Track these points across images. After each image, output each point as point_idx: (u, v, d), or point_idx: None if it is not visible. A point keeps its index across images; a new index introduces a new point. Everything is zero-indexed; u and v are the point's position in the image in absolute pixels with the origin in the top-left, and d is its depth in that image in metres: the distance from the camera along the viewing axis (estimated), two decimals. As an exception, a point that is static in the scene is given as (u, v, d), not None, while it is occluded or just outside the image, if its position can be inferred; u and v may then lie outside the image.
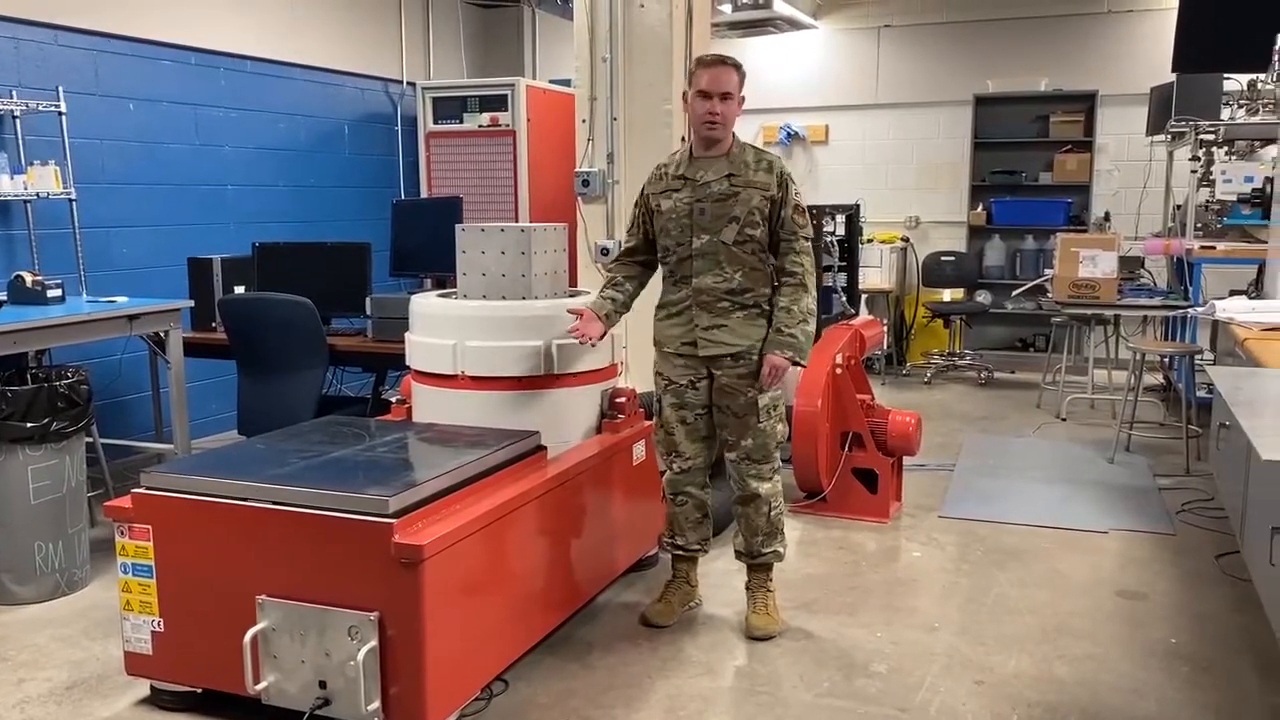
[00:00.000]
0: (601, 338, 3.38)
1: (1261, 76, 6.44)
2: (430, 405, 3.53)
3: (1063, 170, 8.27)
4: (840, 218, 6.06)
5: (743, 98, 3.28)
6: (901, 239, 8.81)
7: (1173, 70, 7.00)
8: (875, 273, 8.36)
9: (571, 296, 3.69)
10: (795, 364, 3.24)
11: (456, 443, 3.21)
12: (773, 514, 3.42)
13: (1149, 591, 3.78)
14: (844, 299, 5.92)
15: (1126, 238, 7.06)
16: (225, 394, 5.18)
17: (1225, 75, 6.65)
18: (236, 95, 6.11)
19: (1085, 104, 8.21)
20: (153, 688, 2.95)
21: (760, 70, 9.21)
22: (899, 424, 4.54)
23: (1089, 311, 6.47)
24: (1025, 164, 8.46)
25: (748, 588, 3.51)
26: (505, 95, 5.56)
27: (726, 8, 7.38)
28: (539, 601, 3.13)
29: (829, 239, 5.73)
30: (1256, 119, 6.37)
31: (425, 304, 3.58)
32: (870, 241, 8.58)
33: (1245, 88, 6.52)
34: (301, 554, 2.65)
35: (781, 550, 3.49)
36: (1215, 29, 7.06)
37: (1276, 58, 6.41)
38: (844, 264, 6.00)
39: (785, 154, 9.33)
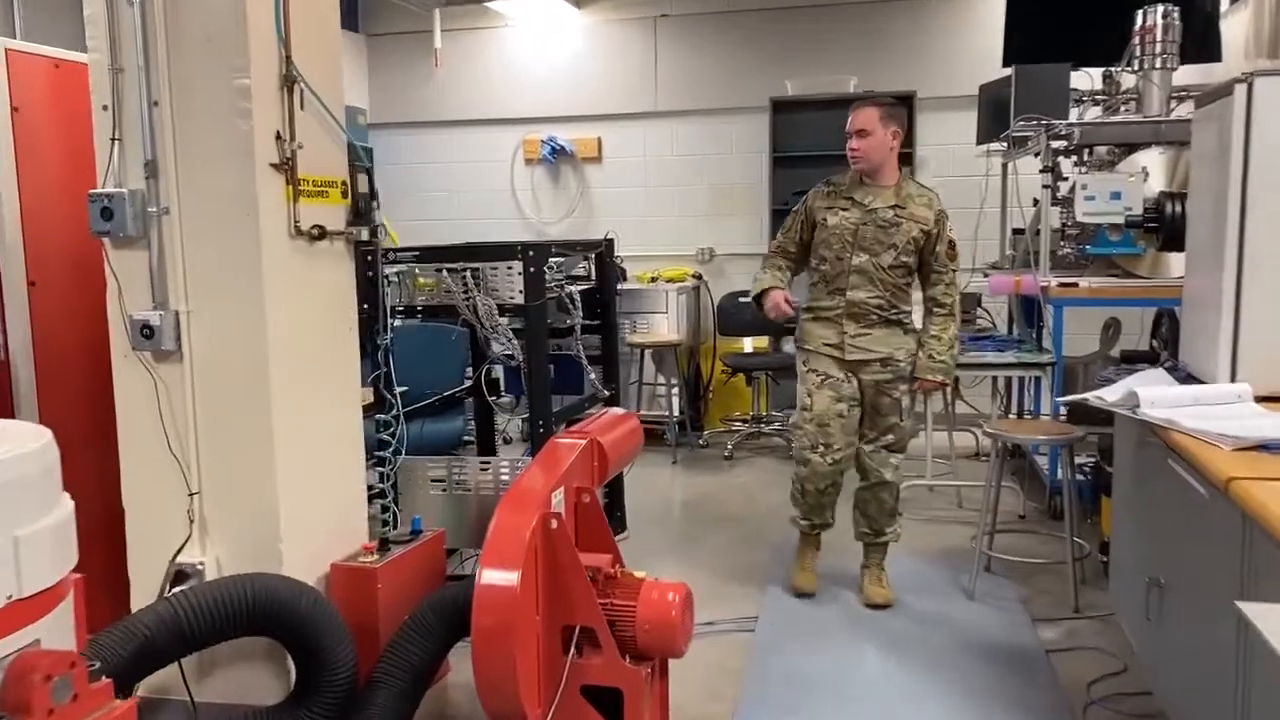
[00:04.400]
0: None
1: (1118, 68, 5.09)
2: None
3: (879, 189, 6.80)
4: (590, 258, 4.25)
5: (896, 131, 3.68)
6: (693, 276, 7.16)
7: (1004, 64, 5.64)
8: (663, 321, 6.67)
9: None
10: (944, 385, 3.92)
11: None
12: (898, 498, 3.90)
13: None
14: (596, 378, 4.09)
15: (963, 270, 5.58)
16: None
17: (1073, 67, 5.25)
18: None
19: (902, 109, 6.76)
20: None
21: (513, 71, 7.45)
22: (655, 608, 2.69)
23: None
24: (835, 183, 6.96)
25: (865, 566, 3.90)
26: (-35, 67, 3.25)
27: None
28: None
29: (567, 292, 3.88)
30: (1119, 118, 4.99)
31: None
32: (654, 280, 6.91)
33: (1101, 81, 5.14)
34: None
35: (899, 531, 3.94)
36: (1051, 12, 5.76)
37: (1135, 40, 5.07)
38: (597, 323, 4.19)
39: (550, 174, 7.57)
